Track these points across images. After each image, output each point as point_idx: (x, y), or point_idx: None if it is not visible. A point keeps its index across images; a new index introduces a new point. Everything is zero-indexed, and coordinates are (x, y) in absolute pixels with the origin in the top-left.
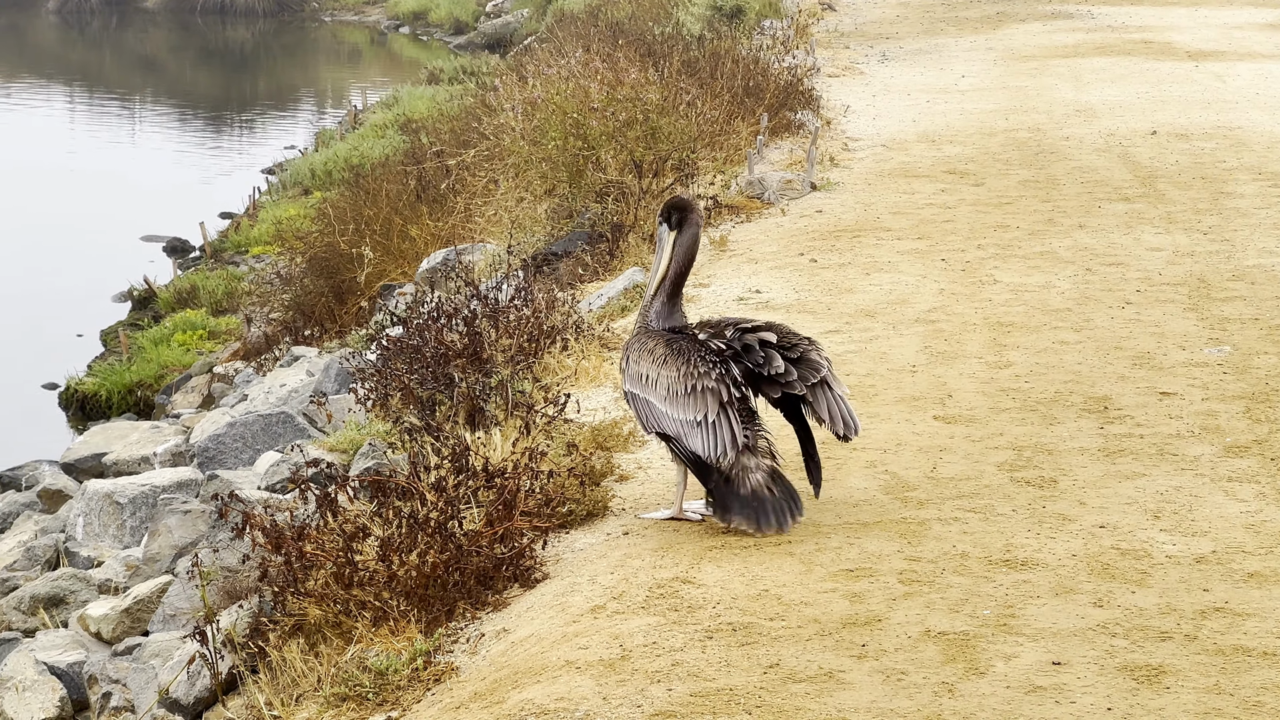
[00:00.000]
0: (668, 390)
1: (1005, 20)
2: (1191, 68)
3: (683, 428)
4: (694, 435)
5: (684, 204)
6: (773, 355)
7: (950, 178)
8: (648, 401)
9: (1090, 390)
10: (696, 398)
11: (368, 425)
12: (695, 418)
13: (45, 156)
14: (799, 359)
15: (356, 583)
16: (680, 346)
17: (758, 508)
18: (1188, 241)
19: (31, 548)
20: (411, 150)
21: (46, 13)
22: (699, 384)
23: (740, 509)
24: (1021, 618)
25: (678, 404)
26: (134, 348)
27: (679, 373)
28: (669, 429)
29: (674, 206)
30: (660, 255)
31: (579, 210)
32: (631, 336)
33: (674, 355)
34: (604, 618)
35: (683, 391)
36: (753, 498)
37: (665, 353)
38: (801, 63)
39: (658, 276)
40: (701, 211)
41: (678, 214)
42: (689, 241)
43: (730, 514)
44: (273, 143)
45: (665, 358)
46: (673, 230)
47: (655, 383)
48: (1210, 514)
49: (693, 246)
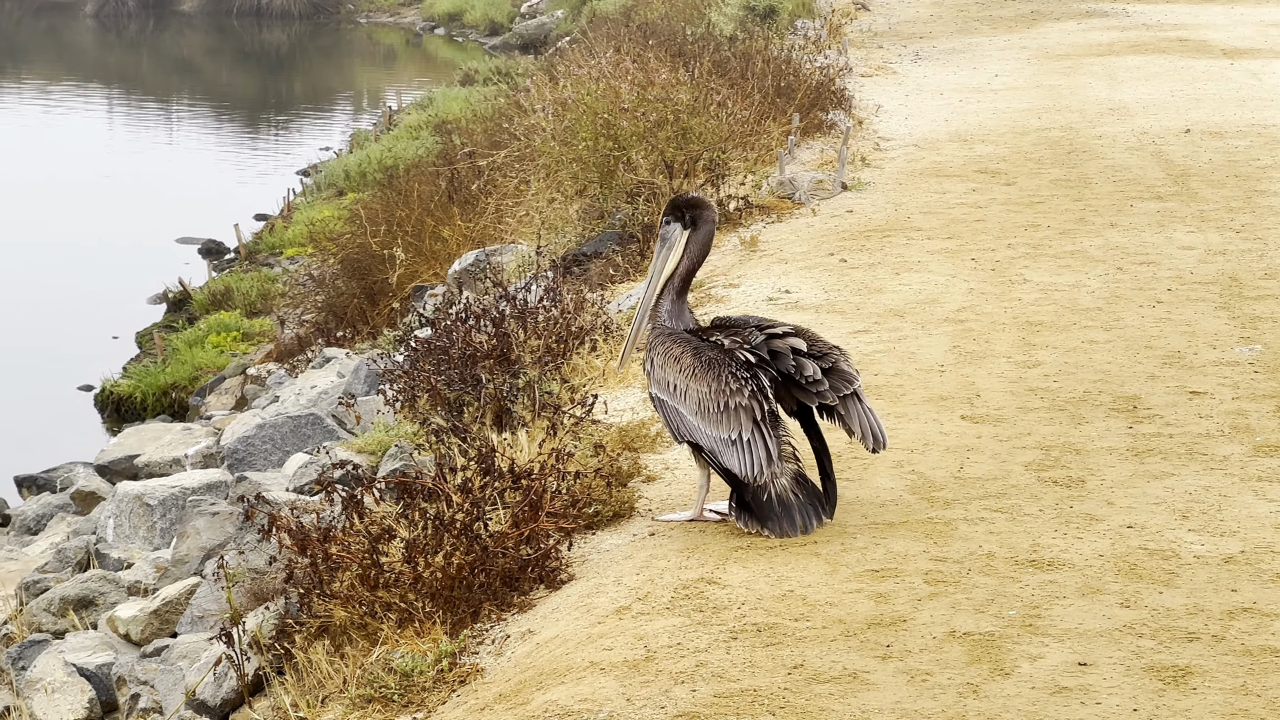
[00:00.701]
0: (699, 405)
1: (1039, 19)
2: (1227, 65)
3: (716, 444)
4: (729, 453)
5: (699, 201)
6: (804, 362)
7: (982, 177)
8: (678, 411)
9: (1119, 390)
10: (730, 415)
11: (396, 427)
12: (730, 436)
13: (83, 159)
14: (830, 369)
15: (382, 584)
16: (709, 359)
17: (783, 514)
18: (1220, 240)
19: (63, 549)
20: (444, 151)
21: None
22: (732, 401)
23: (766, 516)
24: (1047, 618)
25: (710, 420)
26: (169, 349)
27: (710, 389)
28: (702, 442)
29: (689, 204)
30: (669, 252)
31: (610, 211)
32: (652, 336)
33: (704, 368)
34: (629, 619)
35: (715, 409)
36: (778, 503)
37: (694, 364)
38: (834, 62)
39: (665, 273)
40: (715, 210)
41: (692, 211)
42: (704, 239)
43: (755, 521)
44: (308, 144)
45: (695, 370)
46: (686, 228)
47: (685, 395)
48: (1239, 514)
49: (707, 244)
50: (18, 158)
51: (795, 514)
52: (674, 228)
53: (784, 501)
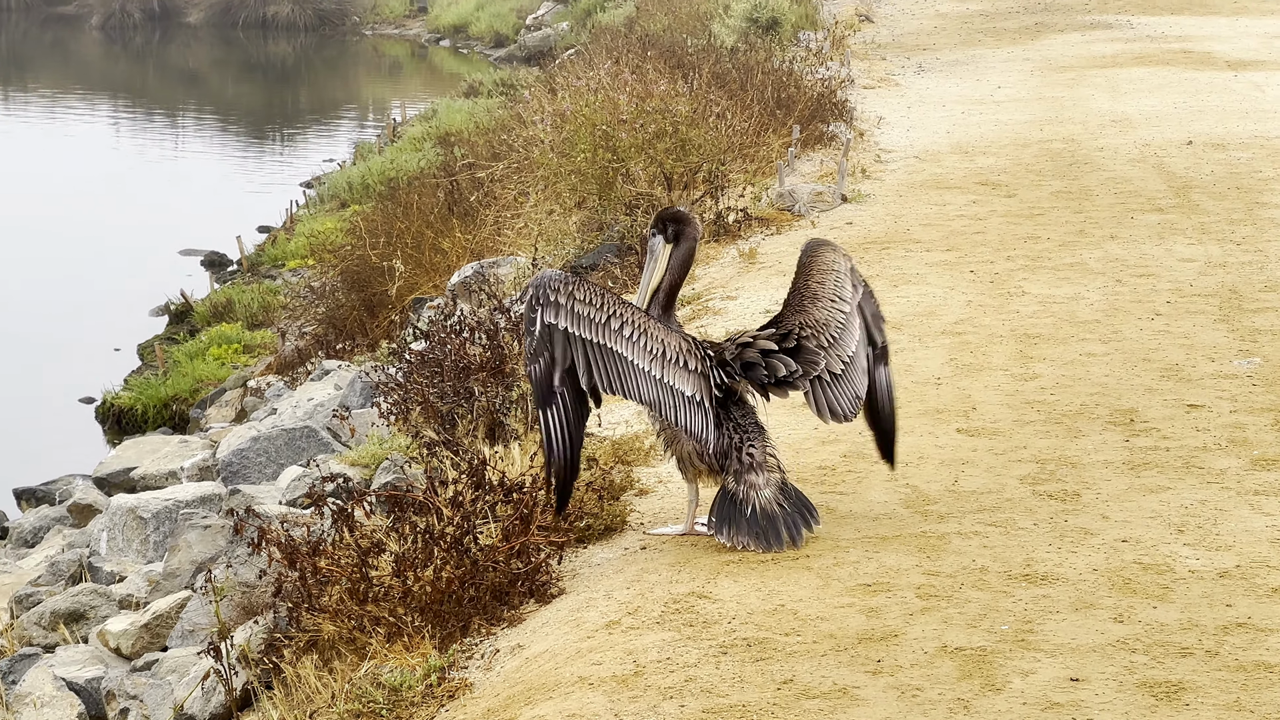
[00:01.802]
0: (662, 352)
1: (1043, 31)
2: (1230, 77)
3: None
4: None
5: (681, 216)
6: (775, 364)
7: (982, 189)
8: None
9: (1117, 402)
10: (694, 376)
11: (390, 439)
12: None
13: (87, 170)
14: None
15: (371, 598)
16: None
17: (767, 526)
18: (1220, 252)
19: (56, 562)
20: (445, 163)
21: (90, 28)
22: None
23: (748, 528)
24: (1040, 633)
25: (671, 369)
26: (170, 362)
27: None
28: (646, 393)
29: (671, 218)
30: (653, 266)
31: (609, 223)
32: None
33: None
34: (619, 633)
35: (678, 363)
36: (761, 516)
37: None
38: (836, 74)
39: (650, 286)
40: (699, 224)
41: (674, 226)
42: (685, 254)
43: (736, 533)
44: (312, 156)
45: (651, 325)
46: (669, 242)
47: (635, 341)
48: (1235, 528)
49: (688, 259)
50: (23, 169)
51: (780, 526)
52: (657, 240)
53: (768, 514)
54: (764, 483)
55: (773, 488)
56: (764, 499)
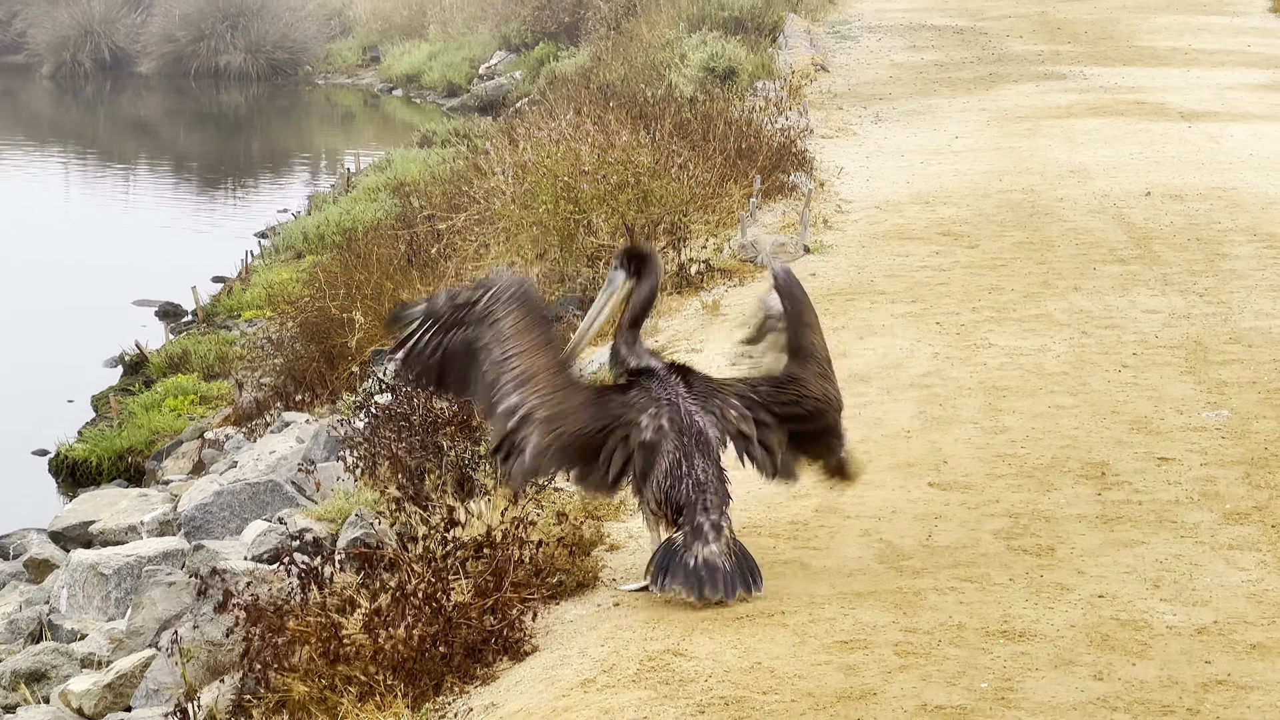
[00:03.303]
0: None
1: (998, 81)
2: (1185, 128)
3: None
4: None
5: (643, 252)
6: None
7: (944, 240)
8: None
9: (1087, 456)
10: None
11: (356, 494)
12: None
13: (38, 221)
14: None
15: (342, 658)
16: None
17: (706, 577)
18: (1184, 304)
19: (15, 620)
20: (403, 214)
21: (40, 77)
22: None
23: (685, 577)
24: (1020, 690)
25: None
26: (125, 413)
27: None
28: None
29: (634, 255)
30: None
31: (570, 275)
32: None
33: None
34: (594, 691)
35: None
36: (704, 566)
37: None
38: (795, 124)
39: (602, 316)
40: (661, 263)
41: (637, 263)
42: (646, 291)
43: (672, 580)
44: (266, 206)
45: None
46: (630, 277)
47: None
48: (1211, 583)
49: (652, 294)
50: None
51: (719, 577)
52: (618, 275)
53: (709, 564)
54: (713, 541)
55: (719, 544)
56: (707, 553)
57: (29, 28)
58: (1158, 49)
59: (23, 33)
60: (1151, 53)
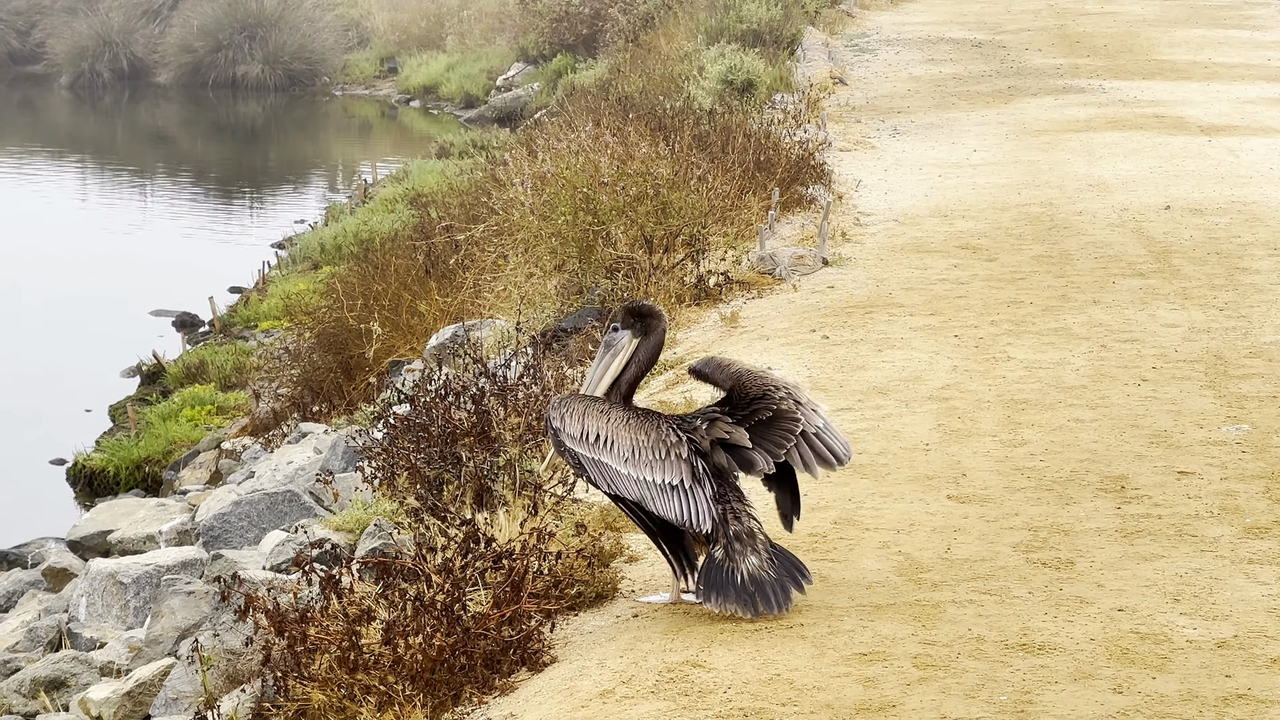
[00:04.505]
0: (632, 452)
1: (1017, 94)
2: (1204, 142)
3: (651, 490)
4: (666, 499)
5: (650, 309)
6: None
7: (963, 253)
8: (600, 463)
9: (1107, 469)
10: (670, 463)
11: (374, 504)
12: (670, 481)
13: (56, 231)
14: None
15: (361, 667)
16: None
17: (755, 592)
18: (1204, 318)
19: (34, 628)
20: (420, 225)
21: (59, 88)
22: (672, 451)
23: (735, 595)
24: (1039, 704)
25: (644, 466)
26: (142, 423)
27: (649, 437)
28: (630, 492)
29: (639, 312)
30: (612, 358)
31: (589, 286)
32: (555, 400)
33: (637, 420)
34: (613, 703)
35: (653, 456)
36: (750, 582)
37: (625, 416)
38: (813, 137)
39: (608, 379)
40: (666, 319)
41: (642, 321)
42: (653, 347)
43: (725, 600)
44: (283, 216)
45: (627, 420)
46: (637, 336)
47: (612, 443)
48: (1231, 597)
49: (656, 353)
50: None
51: (769, 591)
52: (623, 335)
53: (756, 580)
54: (750, 550)
55: (759, 555)
56: (751, 566)
57: (48, 38)
58: (1177, 63)
59: (41, 43)
60: (1171, 66)
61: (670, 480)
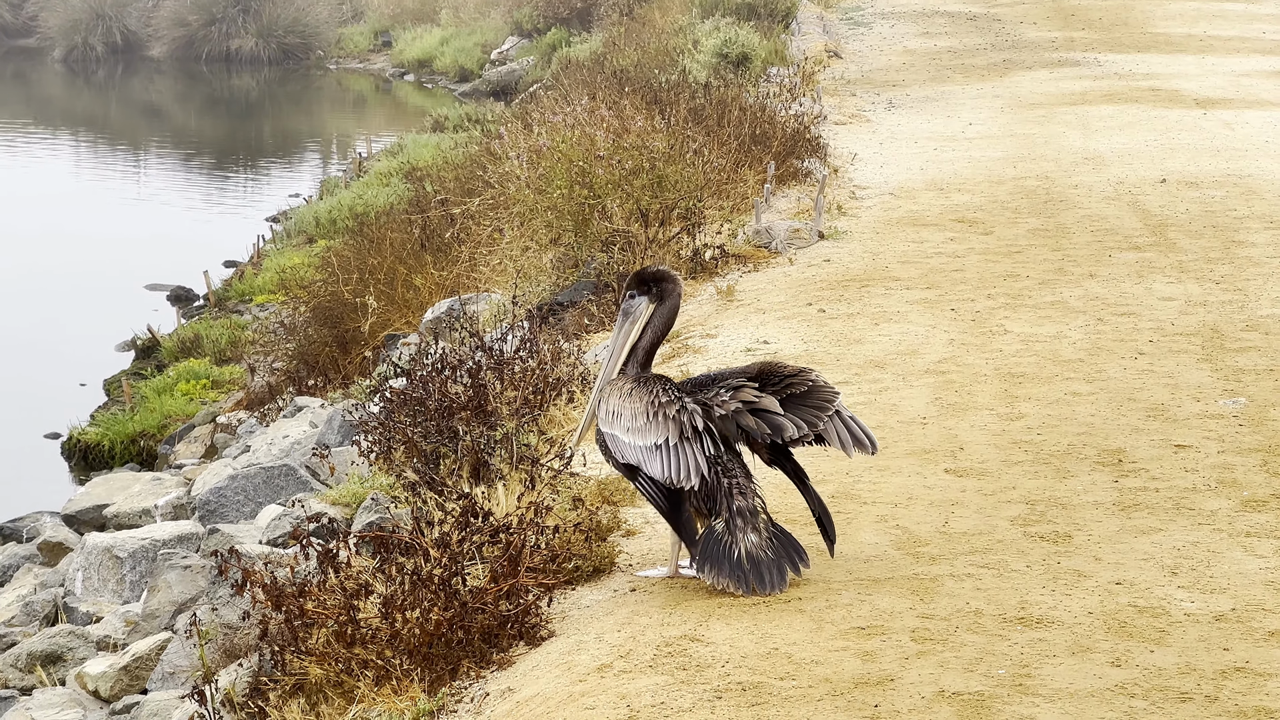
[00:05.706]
0: (632, 420)
1: (1012, 68)
2: (1200, 115)
3: (642, 454)
4: (653, 460)
5: (665, 274)
6: (782, 424)
7: (959, 226)
8: (613, 436)
9: (1104, 443)
10: (658, 423)
11: (371, 478)
12: (655, 441)
13: (50, 205)
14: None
15: (358, 641)
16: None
17: (750, 570)
18: (1200, 291)
19: (30, 602)
20: (416, 199)
21: (52, 61)
22: (661, 411)
23: (730, 570)
24: (1037, 677)
25: (638, 432)
26: (137, 397)
27: (642, 402)
28: (631, 458)
29: (655, 277)
30: (633, 325)
31: (585, 260)
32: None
33: (641, 388)
34: (610, 677)
35: (645, 420)
36: (746, 559)
37: (634, 387)
38: (808, 110)
39: (628, 346)
40: (681, 282)
41: (659, 285)
42: (669, 312)
43: (719, 574)
44: (278, 190)
45: (633, 391)
46: (653, 302)
47: (619, 415)
48: (1229, 570)
49: (672, 317)
50: None
51: (764, 571)
52: (640, 301)
53: (753, 558)
54: (751, 528)
55: (759, 533)
56: (750, 544)
57: (40, 11)
58: (1172, 35)
59: (34, 16)
60: (1166, 39)
61: (656, 441)
